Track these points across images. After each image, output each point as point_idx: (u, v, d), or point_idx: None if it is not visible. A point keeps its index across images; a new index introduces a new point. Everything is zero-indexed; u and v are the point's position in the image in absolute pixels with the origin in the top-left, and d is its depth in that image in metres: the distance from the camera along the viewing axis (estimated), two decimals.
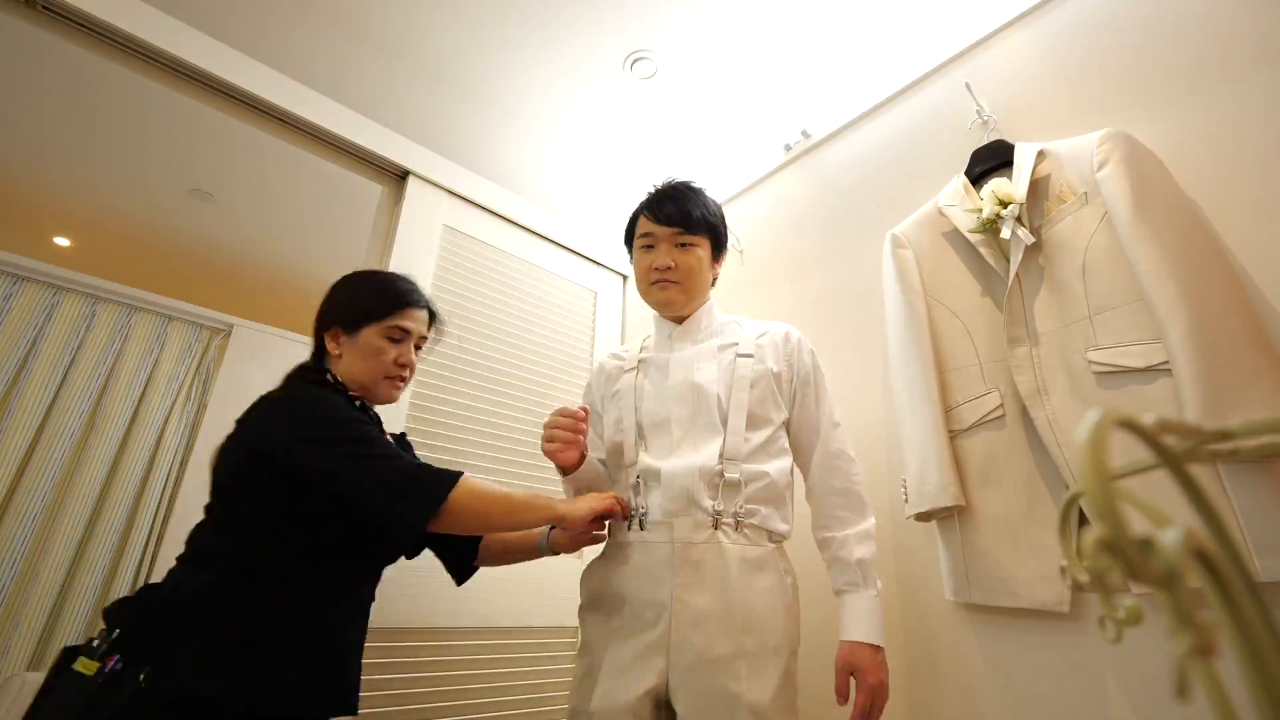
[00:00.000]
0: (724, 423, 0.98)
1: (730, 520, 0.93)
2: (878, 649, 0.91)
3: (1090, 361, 0.97)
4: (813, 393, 1.04)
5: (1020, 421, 1.07)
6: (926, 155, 1.44)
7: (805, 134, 1.77)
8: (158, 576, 2.45)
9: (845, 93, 1.64)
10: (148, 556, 2.48)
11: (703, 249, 1.08)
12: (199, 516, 0.96)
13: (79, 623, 2.27)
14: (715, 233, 1.10)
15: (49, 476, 2.29)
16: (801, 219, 1.73)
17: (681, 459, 0.97)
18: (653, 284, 1.08)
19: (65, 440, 2.35)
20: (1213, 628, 0.23)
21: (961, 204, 1.19)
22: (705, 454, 0.96)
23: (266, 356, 2.93)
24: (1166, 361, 0.88)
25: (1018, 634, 1.05)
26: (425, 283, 1.71)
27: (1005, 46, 1.36)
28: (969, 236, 1.17)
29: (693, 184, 1.11)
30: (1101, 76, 1.17)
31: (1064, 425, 0.99)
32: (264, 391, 1.01)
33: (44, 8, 1.31)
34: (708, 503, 0.94)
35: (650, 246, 1.08)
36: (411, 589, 1.48)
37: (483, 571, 1.61)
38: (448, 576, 1.24)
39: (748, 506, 0.94)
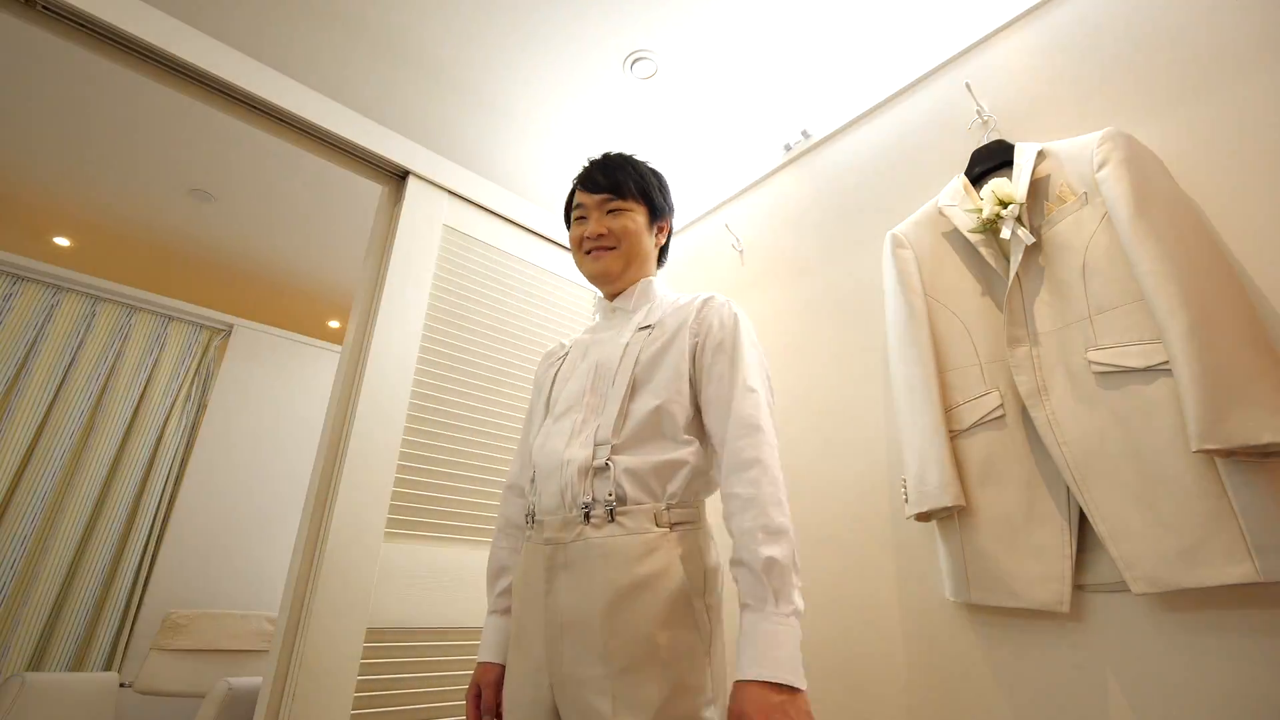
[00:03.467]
0: (603, 405, 0.89)
1: (602, 511, 0.81)
2: (784, 691, 0.64)
3: (1090, 361, 0.97)
4: (725, 359, 0.87)
5: (1020, 421, 1.07)
6: (926, 155, 1.44)
7: (805, 134, 1.77)
8: (158, 576, 2.47)
9: (845, 93, 1.64)
10: (148, 557, 2.48)
11: (638, 214, 1.02)
12: (198, 516, 0.96)
13: (79, 623, 2.27)
14: (650, 199, 1.04)
15: (49, 476, 2.29)
16: (801, 219, 1.73)
17: (558, 450, 0.88)
18: (586, 254, 1.01)
19: (65, 440, 2.36)
20: None
21: (961, 204, 1.19)
22: (581, 441, 0.87)
23: (266, 356, 2.93)
24: (1166, 361, 0.88)
25: (1018, 634, 1.04)
26: (425, 283, 1.71)
27: (1005, 46, 1.36)
28: (969, 236, 1.17)
29: (628, 155, 1.07)
30: (1101, 76, 1.17)
31: (1064, 425, 0.98)
32: (264, 391, 1.01)
33: (44, 8, 1.31)
34: (578, 495, 0.84)
35: (582, 218, 1.03)
36: (411, 589, 1.48)
37: (480, 572, 1.61)
38: (445, 576, 1.23)
39: (621, 492, 0.82)
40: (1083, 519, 0.97)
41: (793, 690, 0.64)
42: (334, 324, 3.62)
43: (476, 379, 1.77)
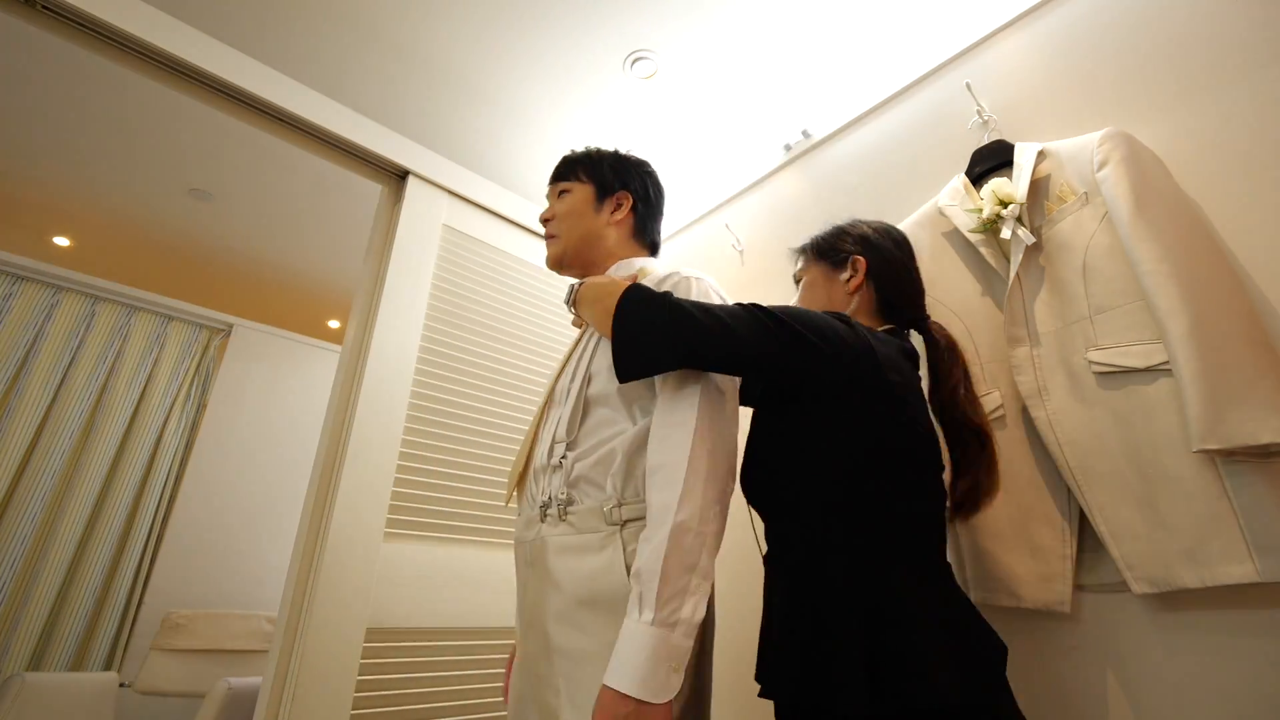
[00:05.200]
0: (566, 399, 0.88)
1: (555, 510, 0.81)
2: (626, 701, 0.60)
3: (1090, 361, 0.97)
4: None
5: (1020, 421, 1.07)
6: (926, 155, 1.44)
7: (805, 134, 1.77)
8: (157, 576, 2.47)
9: (845, 93, 1.64)
10: (147, 557, 2.48)
11: (580, 191, 1.00)
12: (199, 516, 0.97)
13: (79, 623, 2.27)
14: (596, 173, 1.00)
15: (49, 476, 2.29)
16: (801, 219, 1.73)
17: (527, 450, 0.90)
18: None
19: (65, 440, 2.36)
20: None
21: (962, 204, 1.19)
22: (543, 438, 0.88)
23: (266, 356, 2.93)
24: (1166, 361, 0.88)
25: (1018, 634, 1.04)
26: (425, 283, 1.71)
27: (1005, 46, 1.36)
28: (969, 236, 1.16)
29: (593, 148, 1.06)
30: (1101, 76, 1.17)
31: (1064, 425, 0.98)
32: (264, 391, 1.01)
33: (44, 8, 1.31)
34: (536, 494, 0.86)
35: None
36: (411, 589, 1.48)
37: (480, 572, 1.61)
38: (445, 576, 1.23)
39: (572, 491, 0.81)
40: (1083, 519, 0.97)
41: (630, 701, 0.60)
42: (334, 324, 3.62)
43: (476, 379, 1.77)
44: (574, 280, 0.96)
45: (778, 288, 1.72)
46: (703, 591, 0.66)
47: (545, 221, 1.02)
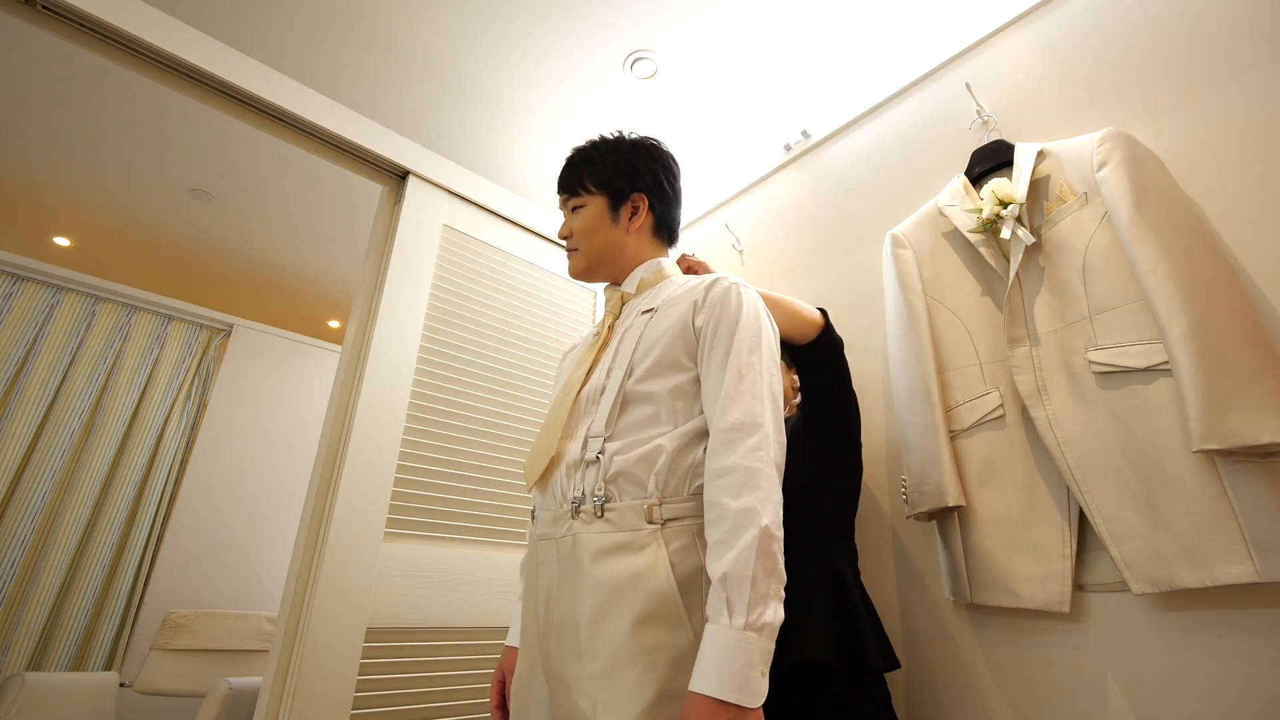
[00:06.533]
0: (599, 396, 0.87)
1: (591, 507, 0.79)
2: (726, 708, 0.61)
3: (1090, 361, 0.97)
4: (720, 349, 0.81)
5: (1020, 421, 1.07)
6: (926, 155, 1.44)
7: (805, 134, 1.77)
8: (158, 576, 2.47)
9: (845, 93, 1.64)
10: (148, 556, 2.48)
11: (592, 205, 1.00)
12: (199, 516, 0.96)
13: (79, 623, 2.27)
14: (610, 186, 1.00)
15: (49, 476, 2.29)
16: (801, 219, 1.73)
17: (554, 443, 0.88)
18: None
19: (65, 440, 2.36)
20: None
21: (961, 204, 1.19)
22: (572, 433, 0.87)
23: (266, 356, 2.93)
24: (1166, 361, 0.88)
25: (1018, 634, 1.04)
26: (425, 283, 1.71)
27: (1005, 46, 1.36)
28: (969, 236, 1.17)
29: (598, 140, 1.04)
30: (1101, 76, 1.17)
31: (1064, 425, 0.98)
32: (264, 391, 1.00)
33: (44, 8, 1.31)
34: (567, 490, 0.83)
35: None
36: (411, 589, 1.48)
37: (480, 572, 1.61)
38: (445, 576, 1.23)
39: (610, 488, 0.79)
40: (1083, 519, 0.97)
41: (729, 707, 0.61)
42: (334, 324, 3.62)
43: (476, 379, 1.77)
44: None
45: (777, 288, 1.72)
46: (781, 596, 0.68)
47: (565, 238, 1.03)
